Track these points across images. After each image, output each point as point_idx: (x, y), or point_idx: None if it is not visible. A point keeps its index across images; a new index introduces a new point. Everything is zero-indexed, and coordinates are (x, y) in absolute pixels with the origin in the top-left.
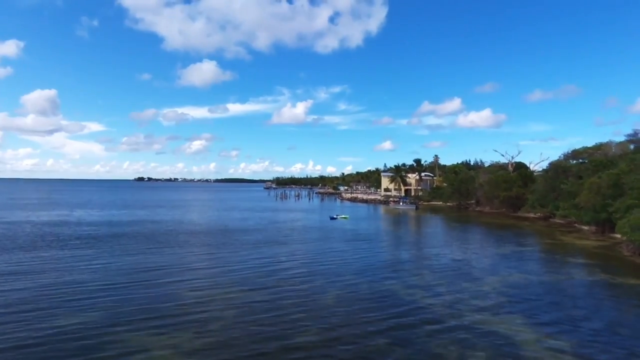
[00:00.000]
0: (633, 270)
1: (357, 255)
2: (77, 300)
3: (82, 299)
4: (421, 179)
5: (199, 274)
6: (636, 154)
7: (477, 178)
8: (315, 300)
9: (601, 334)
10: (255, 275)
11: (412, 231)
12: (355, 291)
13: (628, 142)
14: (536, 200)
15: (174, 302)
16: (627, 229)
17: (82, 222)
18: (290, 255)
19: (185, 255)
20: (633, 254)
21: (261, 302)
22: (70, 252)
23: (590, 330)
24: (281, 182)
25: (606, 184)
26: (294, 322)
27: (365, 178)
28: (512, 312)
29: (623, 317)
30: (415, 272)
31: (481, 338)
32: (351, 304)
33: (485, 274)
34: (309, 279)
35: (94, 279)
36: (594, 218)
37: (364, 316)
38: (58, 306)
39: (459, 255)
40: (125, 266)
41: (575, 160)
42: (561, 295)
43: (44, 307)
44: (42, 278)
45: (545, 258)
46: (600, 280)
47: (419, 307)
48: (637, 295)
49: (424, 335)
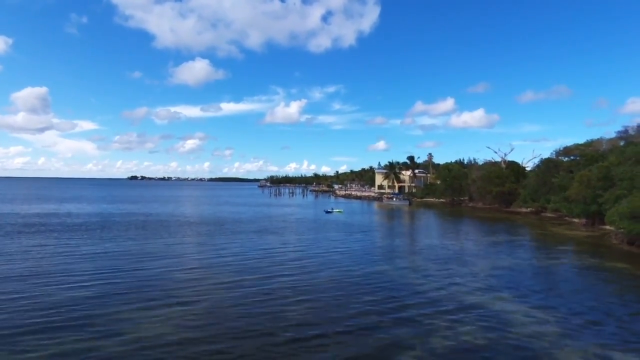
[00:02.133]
0: (620, 256)
1: (350, 244)
2: (65, 283)
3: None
4: (415, 175)
5: (193, 260)
6: (626, 147)
7: (470, 174)
8: (309, 283)
9: (591, 312)
10: (249, 260)
11: (405, 224)
12: (348, 274)
13: (618, 138)
14: (528, 195)
15: (164, 285)
16: (615, 217)
17: (73, 214)
18: (284, 244)
19: (179, 242)
20: (621, 242)
21: (254, 283)
22: (57, 240)
23: (580, 309)
24: (275, 181)
25: (596, 176)
26: (286, 304)
27: (359, 176)
28: (503, 292)
29: (611, 297)
30: (409, 258)
31: (472, 316)
32: (344, 287)
33: (477, 260)
34: (303, 265)
35: (82, 266)
36: (584, 210)
37: (356, 297)
38: (43, 291)
39: (452, 245)
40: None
41: (566, 156)
42: (551, 278)
43: (26, 294)
44: (26, 263)
45: (537, 246)
46: (588, 264)
47: (413, 291)
48: (624, 277)
49: (418, 315)
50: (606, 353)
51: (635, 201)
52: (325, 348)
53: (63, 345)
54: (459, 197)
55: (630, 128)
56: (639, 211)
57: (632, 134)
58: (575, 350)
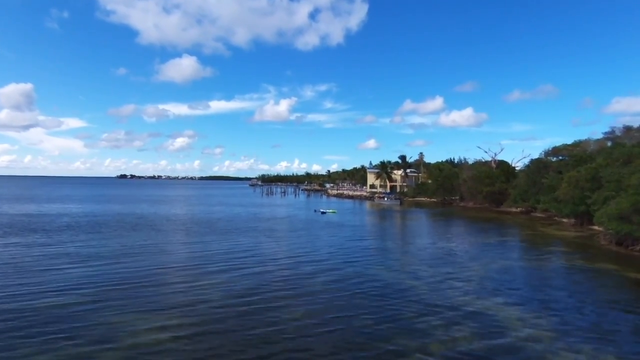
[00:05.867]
0: (608, 257)
1: (342, 245)
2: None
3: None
4: (407, 175)
5: (189, 259)
6: (613, 149)
7: (461, 174)
8: (302, 284)
9: (580, 312)
10: (242, 261)
11: (397, 225)
12: (341, 274)
13: (605, 139)
14: (518, 195)
15: (147, 296)
16: (604, 218)
17: (57, 215)
18: (279, 247)
19: (167, 250)
20: (610, 243)
21: (248, 281)
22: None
23: (569, 309)
24: (267, 180)
25: (584, 177)
26: (281, 313)
27: (351, 175)
28: (494, 295)
29: (602, 298)
30: (400, 257)
31: (467, 320)
32: (337, 287)
33: (469, 262)
34: (296, 266)
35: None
36: (573, 211)
37: (349, 296)
38: (30, 291)
39: (444, 246)
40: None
41: (555, 157)
42: (543, 280)
43: (10, 297)
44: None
45: (527, 247)
46: (579, 265)
47: (404, 289)
48: (611, 278)
49: (410, 314)
50: (600, 357)
51: (622, 202)
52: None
53: (46, 354)
54: (450, 197)
55: (617, 129)
56: (626, 212)
57: (618, 135)
58: (568, 353)
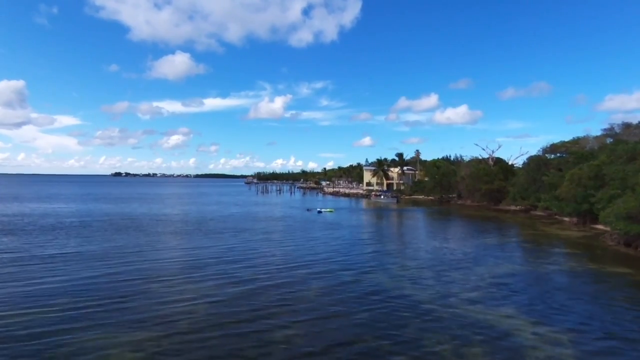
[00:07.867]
0: (618, 259)
1: (339, 245)
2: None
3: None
4: (403, 172)
5: (182, 258)
6: (616, 145)
7: (459, 172)
8: (298, 286)
9: (597, 319)
10: (239, 261)
11: (394, 224)
12: (338, 280)
13: (604, 136)
14: (517, 193)
15: (138, 301)
16: (612, 218)
17: (51, 214)
18: (276, 248)
19: (161, 256)
20: (617, 243)
21: (241, 295)
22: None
23: (584, 318)
24: (262, 177)
25: (587, 175)
26: (275, 322)
27: (347, 173)
28: (501, 303)
29: (618, 307)
30: (398, 257)
31: (471, 330)
32: (335, 291)
33: (471, 266)
34: (292, 267)
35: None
36: (575, 209)
37: (347, 301)
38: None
39: (443, 248)
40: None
41: (553, 154)
42: (551, 286)
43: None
44: None
45: (530, 248)
46: (589, 270)
47: (404, 293)
48: (628, 284)
49: (412, 318)
50: None
51: (630, 201)
52: None
53: None
54: (448, 195)
55: (616, 125)
56: (634, 212)
57: (617, 132)
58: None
